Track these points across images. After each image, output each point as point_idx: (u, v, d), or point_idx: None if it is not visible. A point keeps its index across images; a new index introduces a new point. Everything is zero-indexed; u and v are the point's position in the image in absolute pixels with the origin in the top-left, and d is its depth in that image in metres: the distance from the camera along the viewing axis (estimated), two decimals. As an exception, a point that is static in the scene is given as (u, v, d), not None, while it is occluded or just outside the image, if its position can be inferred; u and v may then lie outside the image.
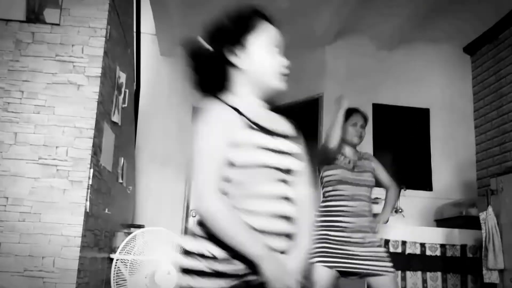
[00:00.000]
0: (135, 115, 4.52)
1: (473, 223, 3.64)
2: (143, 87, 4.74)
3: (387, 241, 3.44)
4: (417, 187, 4.53)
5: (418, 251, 3.55)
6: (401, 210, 4.09)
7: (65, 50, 2.80)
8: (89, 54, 2.81)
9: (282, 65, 1.24)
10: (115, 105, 3.28)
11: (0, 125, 2.65)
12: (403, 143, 4.75)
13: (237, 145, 1.13)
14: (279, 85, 1.24)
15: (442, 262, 3.56)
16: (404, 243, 3.53)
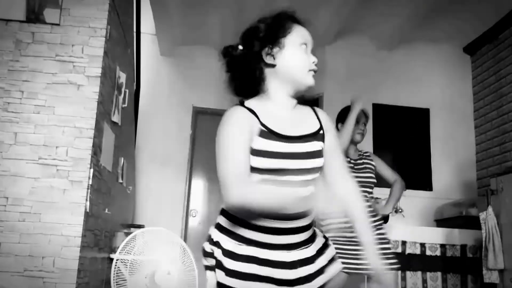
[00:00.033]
0: (135, 115, 4.52)
1: (473, 223, 3.64)
2: (143, 87, 4.74)
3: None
4: (417, 187, 4.53)
5: (418, 251, 3.55)
6: (401, 210, 4.10)
7: (65, 50, 2.79)
8: (89, 54, 2.80)
9: (312, 62, 1.30)
10: (115, 105, 3.28)
11: (0, 125, 2.65)
12: (403, 143, 4.75)
13: (252, 150, 1.19)
14: (309, 81, 1.30)
15: (442, 262, 3.56)
16: (404, 243, 3.53)
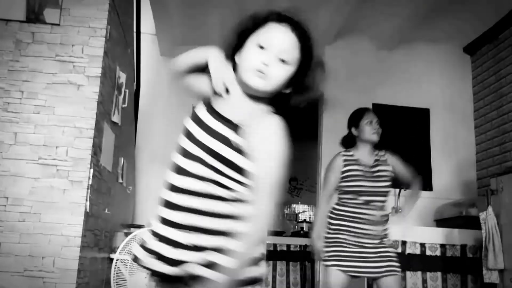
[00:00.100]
0: (135, 115, 4.52)
1: (473, 223, 3.64)
2: (143, 87, 4.73)
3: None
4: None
5: (418, 251, 3.55)
6: (401, 210, 4.09)
7: (65, 50, 2.80)
8: (89, 54, 2.80)
9: (262, 62, 1.12)
10: (115, 105, 3.28)
11: (0, 125, 2.65)
12: (403, 143, 4.75)
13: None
14: (251, 80, 1.13)
15: (442, 262, 3.56)
16: (404, 243, 3.53)
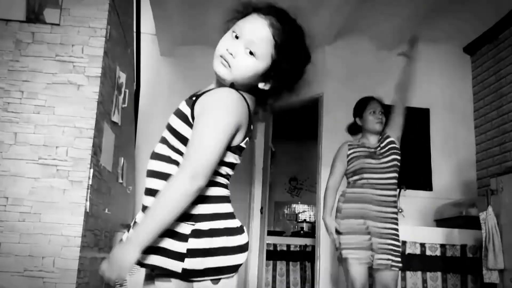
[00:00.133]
0: (135, 115, 4.52)
1: (473, 223, 3.64)
2: (143, 87, 4.73)
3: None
4: (417, 187, 4.53)
5: (418, 251, 3.55)
6: (401, 210, 4.09)
7: (65, 50, 2.79)
8: (89, 54, 2.80)
9: (226, 48, 1.14)
10: (115, 105, 3.28)
11: (0, 125, 2.65)
12: (403, 143, 4.74)
13: None
14: (215, 67, 1.17)
15: (442, 262, 3.56)
16: (404, 243, 3.53)
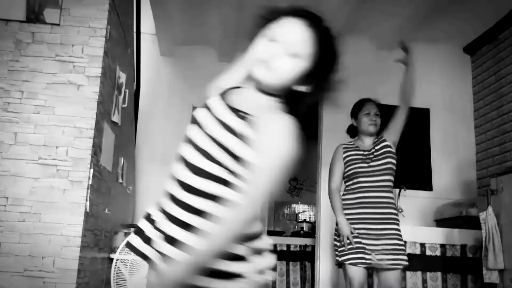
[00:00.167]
0: (135, 115, 4.52)
1: (473, 223, 3.64)
2: (143, 87, 4.73)
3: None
4: (417, 187, 4.53)
5: (418, 251, 3.55)
6: (401, 210, 4.09)
7: (65, 50, 2.80)
8: (89, 54, 2.80)
9: (269, 54, 1.06)
10: (115, 105, 3.28)
11: (0, 125, 2.65)
12: (403, 143, 4.74)
13: None
14: (257, 73, 1.08)
15: (442, 262, 3.56)
16: (404, 243, 3.53)
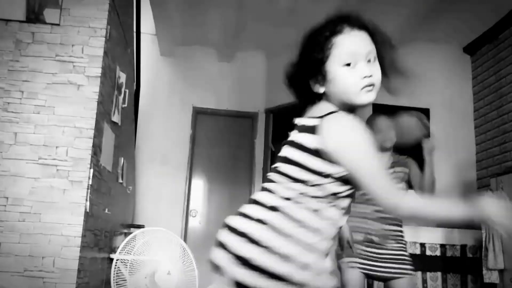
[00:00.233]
0: (135, 115, 4.52)
1: (473, 223, 3.64)
2: (143, 87, 4.74)
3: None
4: (417, 187, 4.52)
5: (418, 251, 3.55)
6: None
7: (65, 50, 2.80)
8: (89, 54, 2.80)
9: (363, 77, 1.08)
10: (115, 105, 3.28)
11: (0, 125, 2.65)
12: (403, 143, 4.75)
13: None
14: (363, 99, 1.10)
15: (442, 262, 3.56)
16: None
